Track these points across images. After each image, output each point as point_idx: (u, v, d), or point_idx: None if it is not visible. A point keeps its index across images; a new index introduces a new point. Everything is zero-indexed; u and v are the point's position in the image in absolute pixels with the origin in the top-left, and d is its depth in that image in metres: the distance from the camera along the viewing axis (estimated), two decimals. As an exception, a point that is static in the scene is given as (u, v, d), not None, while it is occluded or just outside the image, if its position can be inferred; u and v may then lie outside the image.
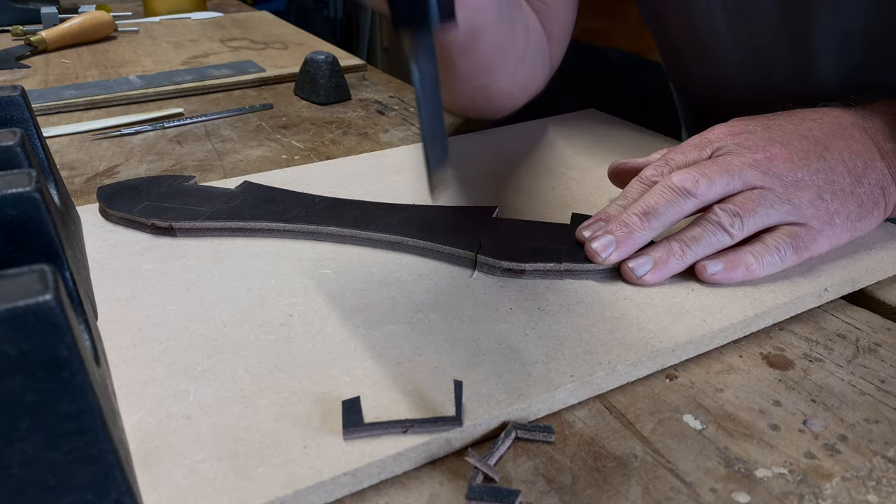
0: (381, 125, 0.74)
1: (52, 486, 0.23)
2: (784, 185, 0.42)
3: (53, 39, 1.06)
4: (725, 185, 0.42)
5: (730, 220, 0.41)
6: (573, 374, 0.34)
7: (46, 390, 0.21)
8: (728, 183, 0.42)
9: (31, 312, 0.20)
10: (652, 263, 0.42)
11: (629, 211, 0.43)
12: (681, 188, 0.42)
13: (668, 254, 0.42)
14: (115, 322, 0.39)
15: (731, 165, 0.43)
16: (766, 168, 0.43)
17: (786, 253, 0.42)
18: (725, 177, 0.42)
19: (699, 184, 0.42)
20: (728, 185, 0.42)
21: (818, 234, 0.43)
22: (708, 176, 0.42)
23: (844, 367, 0.36)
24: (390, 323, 0.39)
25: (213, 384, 0.34)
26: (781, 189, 0.42)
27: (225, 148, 0.68)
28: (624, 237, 0.42)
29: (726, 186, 0.42)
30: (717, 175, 0.42)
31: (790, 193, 0.42)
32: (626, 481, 0.30)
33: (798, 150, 0.44)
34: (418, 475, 0.31)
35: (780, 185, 0.42)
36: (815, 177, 0.43)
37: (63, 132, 0.73)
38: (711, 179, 0.42)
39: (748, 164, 0.43)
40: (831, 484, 0.29)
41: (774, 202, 0.42)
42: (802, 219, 0.42)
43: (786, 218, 0.42)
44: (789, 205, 0.42)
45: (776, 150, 0.43)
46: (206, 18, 1.33)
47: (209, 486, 0.29)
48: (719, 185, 0.42)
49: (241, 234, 0.48)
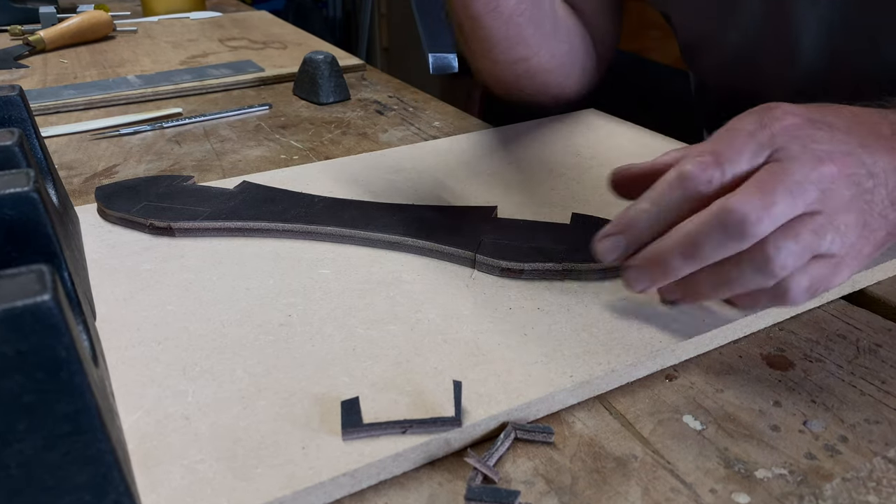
0: (380, 125, 0.74)
1: (50, 486, 0.23)
2: (837, 210, 0.36)
3: (52, 39, 1.06)
4: (789, 211, 0.34)
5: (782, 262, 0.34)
6: (573, 374, 0.34)
7: (44, 391, 0.21)
8: (792, 208, 0.35)
9: (29, 313, 0.20)
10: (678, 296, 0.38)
11: (668, 245, 0.36)
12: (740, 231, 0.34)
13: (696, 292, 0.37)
14: (113, 322, 0.39)
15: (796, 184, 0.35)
16: (829, 185, 0.35)
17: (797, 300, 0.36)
18: (789, 199, 0.34)
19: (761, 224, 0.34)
20: (791, 211, 0.35)
21: (844, 268, 0.37)
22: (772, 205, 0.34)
23: (845, 368, 0.36)
24: (389, 323, 0.39)
25: (212, 384, 0.34)
26: (835, 213, 0.35)
27: (224, 148, 0.68)
28: (660, 278, 0.37)
29: (789, 213, 0.35)
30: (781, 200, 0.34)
31: (840, 218, 0.36)
32: (625, 482, 0.30)
33: (856, 160, 0.37)
34: (417, 476, 0.31)
35: (834, 208, 0.35)
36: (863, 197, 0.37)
37: (61, 132, 0.73)
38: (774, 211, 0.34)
39: (812, 179, 0.35)
40: (831, 485, 0.29)
41: (827, 231, 0.35)
42: (841, 249, 0.36)
43: (828, 249, 0.35)
44: (836, 233, 0.35)
45: (839, 161, 0.36)
46: (205, 18, 1.33)
47: (208, 486, 0.29)
48: (781, 217, 0.34)
49: (239, 234, 0.48)
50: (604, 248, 0.38)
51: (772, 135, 0.37)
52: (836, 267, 0.36)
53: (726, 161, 0.36)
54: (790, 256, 0.34)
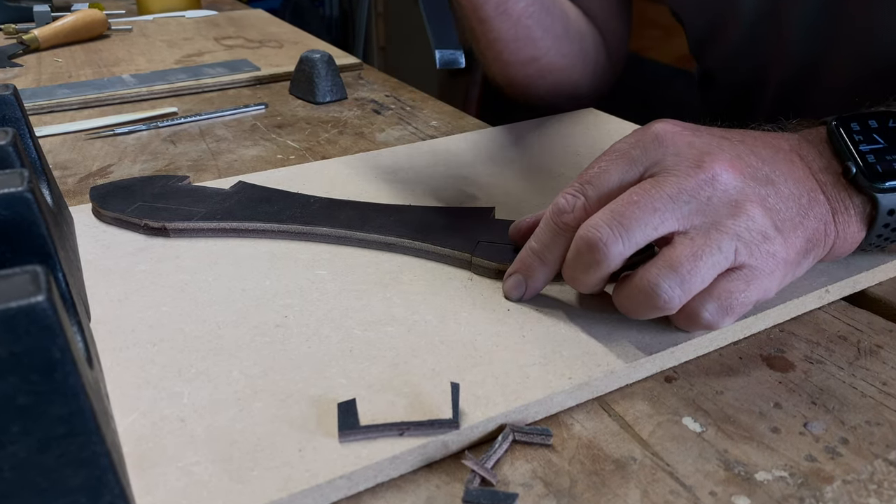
0: (377, 125, 0.74)
1: (44, 489, 0.23)
2: (729, 214, 0.34)
3: (46, 38, 1.06)
4: (652, 230, 0.34)
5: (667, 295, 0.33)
6: (571, 376, 0.34)
7: (39, 392, 0.21)
8: (655, 227, 0.34)
9: (23, 314, 0.20)
10: None
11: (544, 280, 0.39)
12: (590, 260, 0.35)
13: None
14: (108, 324, 0.39)
15: (664, 198, 0.34)
16: (711, 192, 0.34)
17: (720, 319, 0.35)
18: (652, 219, 0.34)
19: (609, 246, 0.34)
20: (655, 230, 0.34)
21: (758, 279, 0.35)
22: (624, 228, 0.34)
23: (845, 370, 0.36)
24: (386, 324, 0.38)
25: (208, 386, 0.34)
26: (727, 220, 0.34)
27: (219, 147, 0.68)
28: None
29: (653, 232, 0.34)
30: (638, 223, 0.34)
31: (737, 225, 0.34)
32: (624, 484, 0.30)
33: (746, 165, 0.36)
34: (414, 478, 0.30)
35: (724, 214, 0.34)
36: (765, 201, 0.35)
37: (56, 132, 0.72)
38: (628, 233, 0.34)
39: (689, 188, 0.34)
40: (832, 487, 0.29)
41: (719, 244, 0.33)
42: (749, 258, 0.34)
43: (735, 261, 0.34)
44: (734, 241, 0.34)
45: (724, 162, 0.35)
46: (201, 17, 1.33)
47: (203, 489, 0.28)
48: (641, 236, 0.34)
49: (235, 235, 0.48)
50: (507, 287, 0.40)
51: (644, 149, 0.36)
52: (749, 280, 0.35)
53: (589, 186, 0.37)
54: (672, 289, 0.33)
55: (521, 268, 0.40)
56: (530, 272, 0.39)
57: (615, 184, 0.36)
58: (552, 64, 0.65)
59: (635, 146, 0.37)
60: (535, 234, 0.39)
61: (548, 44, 0.63)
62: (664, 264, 0.34)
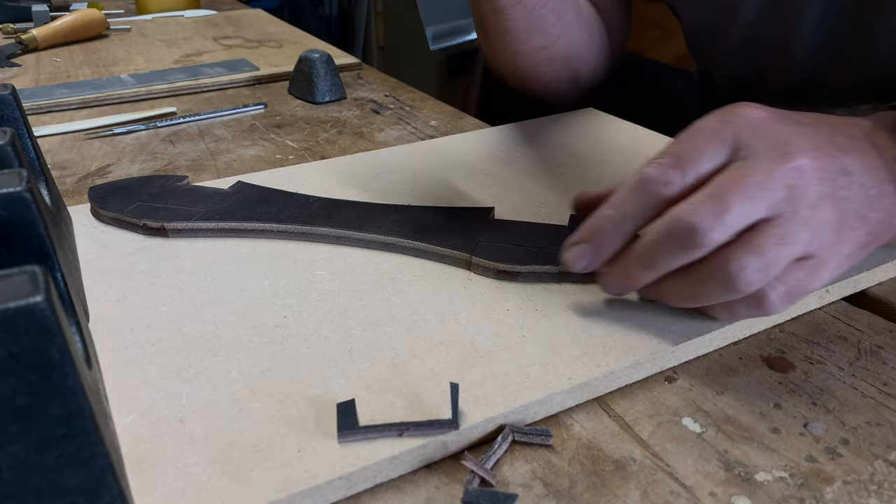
0: (376, 124, 0.74)
1: (42, 490, 0.22)
2: (810, 205, 0.35)
3: (45, 37, 1.06)
4: (745, 218, 0.34)
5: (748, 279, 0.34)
6: (571, 376, 0.34)
7: (37, 393, 0.21)
8: (748, 216, 0.34)
9: (21, 314, 0.20)
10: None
11: (630, 260, 0.36)
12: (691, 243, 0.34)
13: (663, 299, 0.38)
14: (106, 324, 0.39)
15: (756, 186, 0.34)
16: (796, 180, 0.34)
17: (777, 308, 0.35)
18: (747, 205, 0.34)
19: (710, 234, 0.33)
20: (748, 219, 0.34)
21: (823, 270, 0.36)
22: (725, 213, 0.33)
23: (846, 370, 0.36)
24: (385, 325, 0.38)
25: (207, 387, 0.34)
26: (807, 211, 0.34)
27: (218, 147, 0.68)
28: (628, 286, 0.37)
29: (745, 220, 0.34)
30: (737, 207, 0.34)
31: (813, 215, 0.35)
32: (624, 485, 0.29)
33: (827, 155, 0.36)
34: (414, 479, 0.30)
35: (806, 204, 0.34)
36: (837, 194, 0.36)
37: (54, 132, 0.72)
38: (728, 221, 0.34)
39: (778, 176, 0.34)
40: (832, 488, 0.29)
41: (800, 233, 0.34)
42: (818, 249, 0.35)
43: (804, 250, 0.35)
44: (811, 232, 0.34)
45: (809, 153, 0.35)
46: (200, 16, 1.33)
47: (202, 489, 0.28)
48: (737, 224, 0.34)
49: (234, 235, 0.48)
50: (571, 256, 0.38)
51: (735, 131, 0.36)
52: (815, 269, 0.35)
53: (686, 161, 0.36)
54: (755, 273, 0.33)
55: (591, 236, 0.37)
56: (602, 241, 0.37)
57: (708, 163, 0.36)
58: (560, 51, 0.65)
59: (725, 127, 0.37)
60: (611, 201, 0.37)
61: (559, 31, 0.63)
62: (750, 249, 0.33)
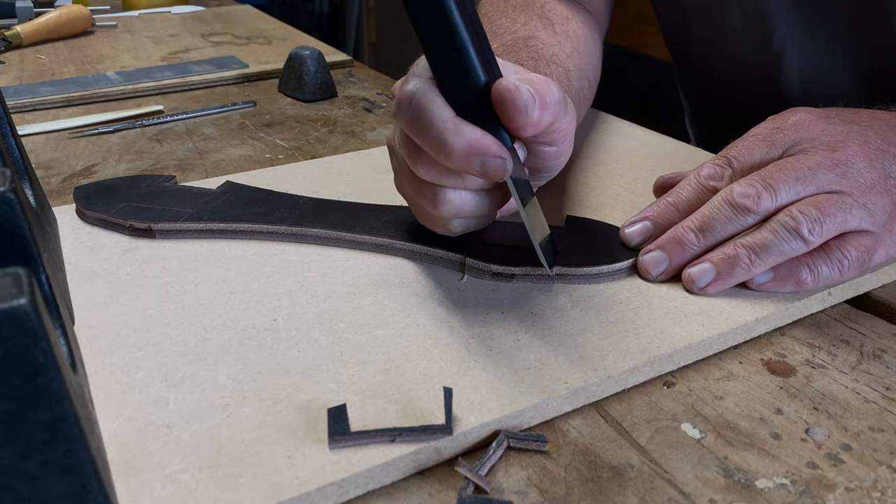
0: (368, 123, 0.74)
1: (26, 497, 0.22)
2: (861, 189, 0.39)
3: (29, 34, 1.05)
4: (794, 194, 0.39)
5: (809, 225, 0.38)
6: (567, 380, 0.34)
7: (21, 398, 0.21)
8: (798, 192, 0.39)
9: (5, 317, 0.20)
10: (714, 273, 0.39)
11: (685, 225, 0.41)
12: (741, 205, 0.39)
13: (733, 263, 0.39)
14: (92, 327, 0.38)
15: (805, 169, 0.39)
16: (845, 169, 0.39)
17: (849, 268, 0.40)
18: (795, 185, 0.39)
19: (761, 200, 0.39)
20: (797, 194, 0.39)
21: (880, 245, 0.41)
22: (773, 188, 0.39)
23: (848, 374, 0.36)
24: (377, 328, 0.38)
25: (194, 391, 0.33)
26: (859, 193, 0.39)
27: (206, 147, 0.67)
28: (678, 256, 0.41)
29: (794, 196, 0.39)
30: (784, 185, 0.39)
31: (867, 198, 0.39)
32: (622, 492, 0.29)
33: (875, 149, 0.41)
34: (406, 486, 0.30)
35: (857, 188, 0.39)
36: (888, 181, 0.41)
37: (39, 130, 0.71)
38: (776, 192, 0.39)
39: (825, 165, 0.39)
40: (834, 495, 0.29)
41: (853, 207, 0.39)
42: (874, 227, 0.40)
43: (859, 225, 0.39)
44: (865, 210, 0.39)
45: (855, 147, 0.40)
46: (187, 12, 1.32)
47: (190, 496, 0.28)
48: (785, 196, 0.39)
49: (222, 236, 0.47)
50: (632, 231, 0.43)
51: (784, 134, 0.42)
52: (874, 242, 0.40)
53: (736, 160, 0.42)
54: (817, 223, 0.38)
55: (651, 216, 0.43)
56: (659, 220, 0.43)
57: (758, 160, 0.42)
58: None
59: (776, 131, 0.42)
60: (672, 192, 0.44)
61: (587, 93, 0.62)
62: (809, 203, 0.38)
